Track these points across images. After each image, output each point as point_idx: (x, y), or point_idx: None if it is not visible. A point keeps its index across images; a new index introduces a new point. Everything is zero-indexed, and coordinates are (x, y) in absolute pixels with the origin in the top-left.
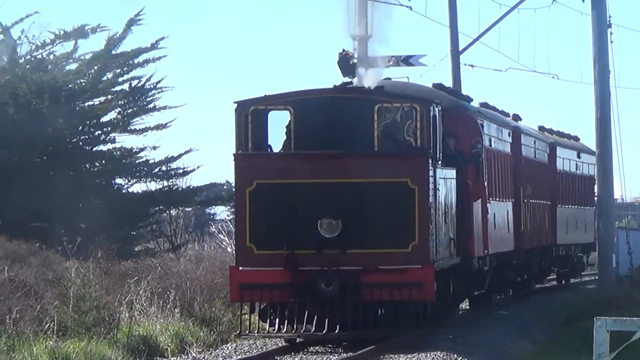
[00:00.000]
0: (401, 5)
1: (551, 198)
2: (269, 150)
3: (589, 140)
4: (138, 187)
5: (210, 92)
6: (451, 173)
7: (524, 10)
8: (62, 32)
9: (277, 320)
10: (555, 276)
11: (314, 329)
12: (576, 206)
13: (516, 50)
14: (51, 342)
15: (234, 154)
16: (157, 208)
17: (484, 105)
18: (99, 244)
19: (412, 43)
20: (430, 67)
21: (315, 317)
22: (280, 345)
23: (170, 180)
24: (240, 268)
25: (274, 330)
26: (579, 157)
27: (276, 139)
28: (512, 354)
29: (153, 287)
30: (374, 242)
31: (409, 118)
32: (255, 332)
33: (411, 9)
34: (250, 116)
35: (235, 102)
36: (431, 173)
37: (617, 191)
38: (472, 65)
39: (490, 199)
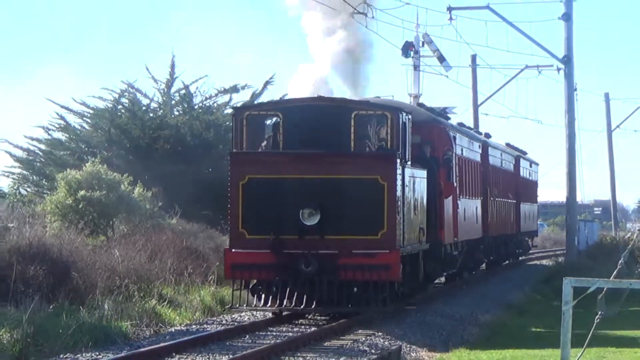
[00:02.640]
0: (441, 74)
1: (516, 197)
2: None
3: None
4: None
5: None
6: (421, 173)
7: (520, 79)
8: (222, 89)
9: (263, 296)
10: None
11: (293, 304)
12: (529, 203)
13: (515, 104)
14: (212, 288)
15: (229, 152)
16: None
17: (460, 124)
18: None
19: (447, 99)
20: (459, 115)
21: (296, 293)
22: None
23: None
24: (233, 250)
25: (260, 304)
26: (530, 166)
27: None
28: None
29: None
30: (349, 229)
31: (382, 124)
32: (245, 305)
33: (447, 77)
34: (245, 120)
35: (232, 108)
36: (399, 171)
37: (579, 196)
38: (486, 114)
39: (461, 196)
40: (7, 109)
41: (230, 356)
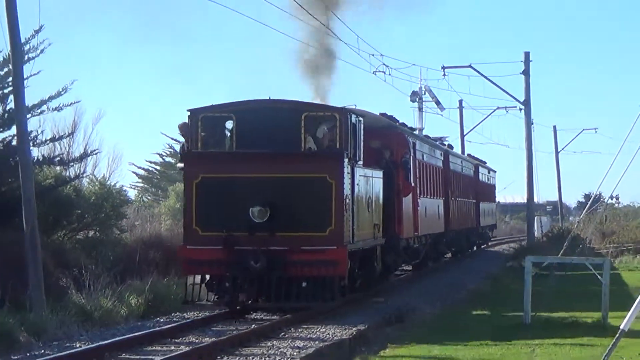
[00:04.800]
0: (437, 114)
1: (476, 198)
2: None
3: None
4: None
5: None
6: (376, 173)
7: (494, 116)
8: None
9: (216, 290)
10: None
11: (244, 299)
12: (488, 202)
13: (490, 133)
14: None
15: (184, 153)
16: None
17: (427, 135)
18: None
19: (442, 130)
20: (450, 142)
21: (247, 288)
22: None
23: None
24: (188, 247)
25: (213, 299)
26: (489, 173)
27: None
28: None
29: None
30: (298, 226)
31: (331, 125)
32: (196, 300)
33: (442, 115)
34: (200, 122)
35: (188, 110)
36: (348, 170)
37: (535, 197)
38: (470, 141)
39: (422, 195)
40: (133, 140)
41: (289, 316)
